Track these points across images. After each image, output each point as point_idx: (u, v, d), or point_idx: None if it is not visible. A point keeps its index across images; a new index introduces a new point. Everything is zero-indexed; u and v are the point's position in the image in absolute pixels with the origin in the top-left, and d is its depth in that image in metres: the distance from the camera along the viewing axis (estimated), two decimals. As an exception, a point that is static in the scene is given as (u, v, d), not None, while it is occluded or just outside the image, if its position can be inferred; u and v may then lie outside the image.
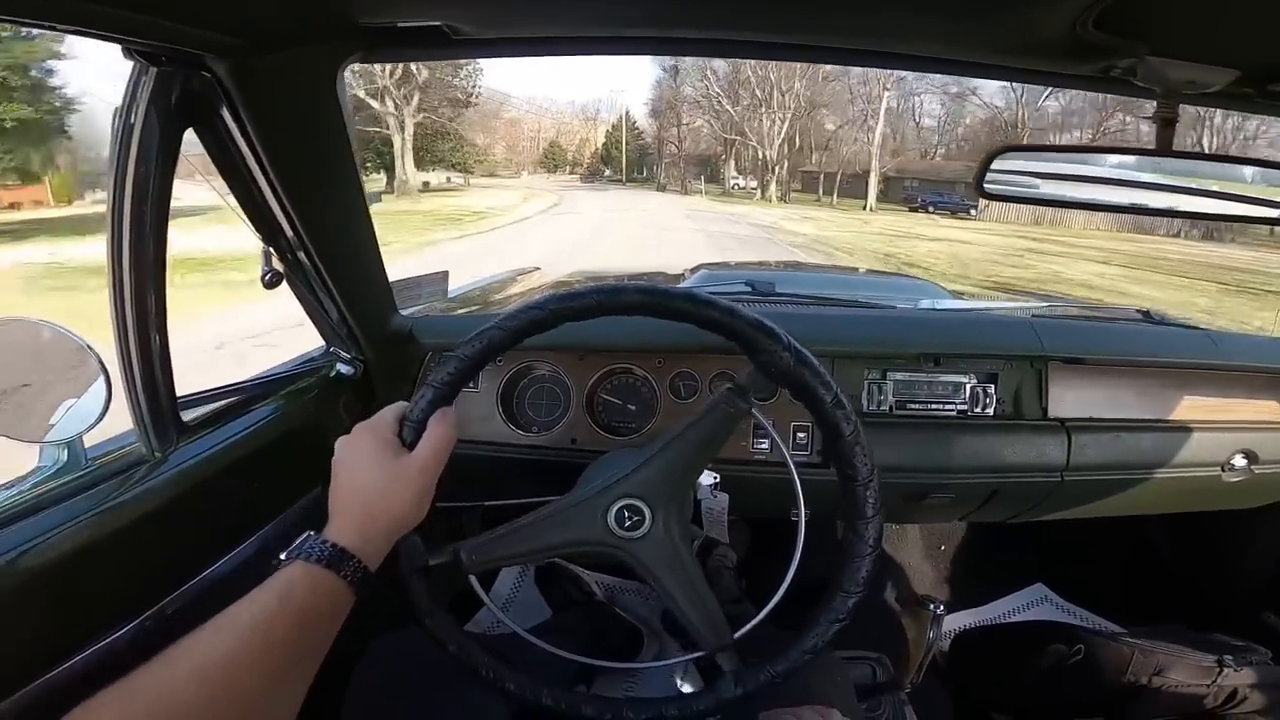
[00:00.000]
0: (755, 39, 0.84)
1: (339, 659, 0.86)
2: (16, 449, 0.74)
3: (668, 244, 14.56)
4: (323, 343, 1.12)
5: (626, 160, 55.67)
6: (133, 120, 0.67)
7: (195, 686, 0.48)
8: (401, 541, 0.67)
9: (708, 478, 0.97)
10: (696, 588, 0.75)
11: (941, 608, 1.27)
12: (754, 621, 0.77)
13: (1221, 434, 1.22)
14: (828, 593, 0.74)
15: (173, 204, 0.72)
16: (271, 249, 0.89)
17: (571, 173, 59.89)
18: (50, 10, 0.51)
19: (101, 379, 0.74)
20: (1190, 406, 1.22)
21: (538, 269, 2.30)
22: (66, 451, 0.76)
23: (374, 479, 0.63)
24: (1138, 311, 1.48)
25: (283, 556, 0.58)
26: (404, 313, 1.17)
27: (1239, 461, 1.22)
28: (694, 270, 2.01)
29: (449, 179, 39.54)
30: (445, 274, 1.29)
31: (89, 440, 0.77)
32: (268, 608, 0.53)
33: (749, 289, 1.48)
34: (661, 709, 0.73)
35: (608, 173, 57.82)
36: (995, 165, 0.85)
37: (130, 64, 0.65)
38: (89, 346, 0.74)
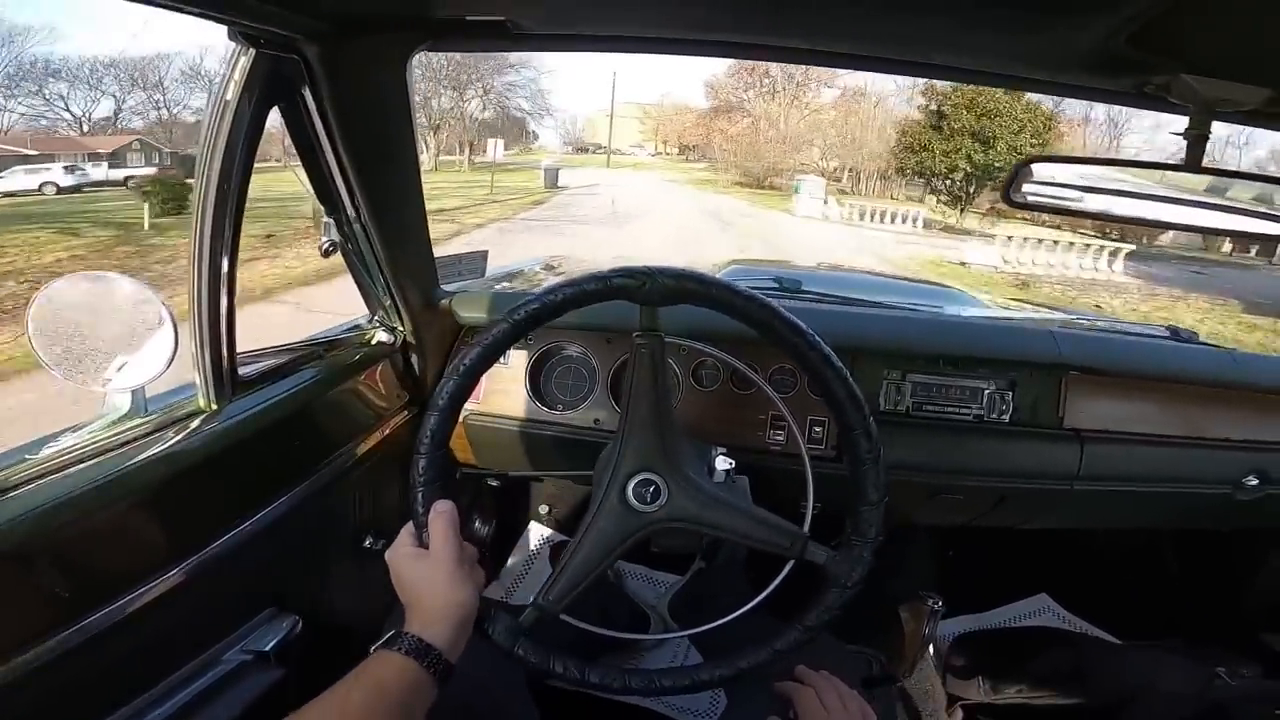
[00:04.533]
0: (799, 45, 0.87)
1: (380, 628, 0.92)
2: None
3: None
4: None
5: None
6: (228, 97, 0.74)
7: None
8: (484, 620, 0.74)
9: (724, 463, 1.01)
10: (745, 511, 0.79)
11: (940, 604, 1.30)
12: (809, 513, 0.83)
13: (1236, 453, 1.23)
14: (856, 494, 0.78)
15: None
16: (332, 221, 0.96)
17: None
18: None
19: (170, 333, 0.79)
20: (1207, 424, 1.23)
21: (565, 257, 2.33)
22: (130, 399, 0.81)
23: (414, 586, 0.71)
24: (1166, 329, 1.48)
25: (372, 649, 0.65)
26: (444, 287, 1.22)
27: (1251, 481, 1.23)
28: (723, 266, 2.04)
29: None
30: (484, 253, 1.33)
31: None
32: (350, 689, 0.60)
33: (776, 285, 1.51)
34: (801, 624, 0.77)
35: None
36: (1025, 175, 0.87)
37: (231, 45, 0.72)
38: (162, 303, 0.79)
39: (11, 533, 0.62)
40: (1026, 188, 0.88)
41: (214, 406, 0.86)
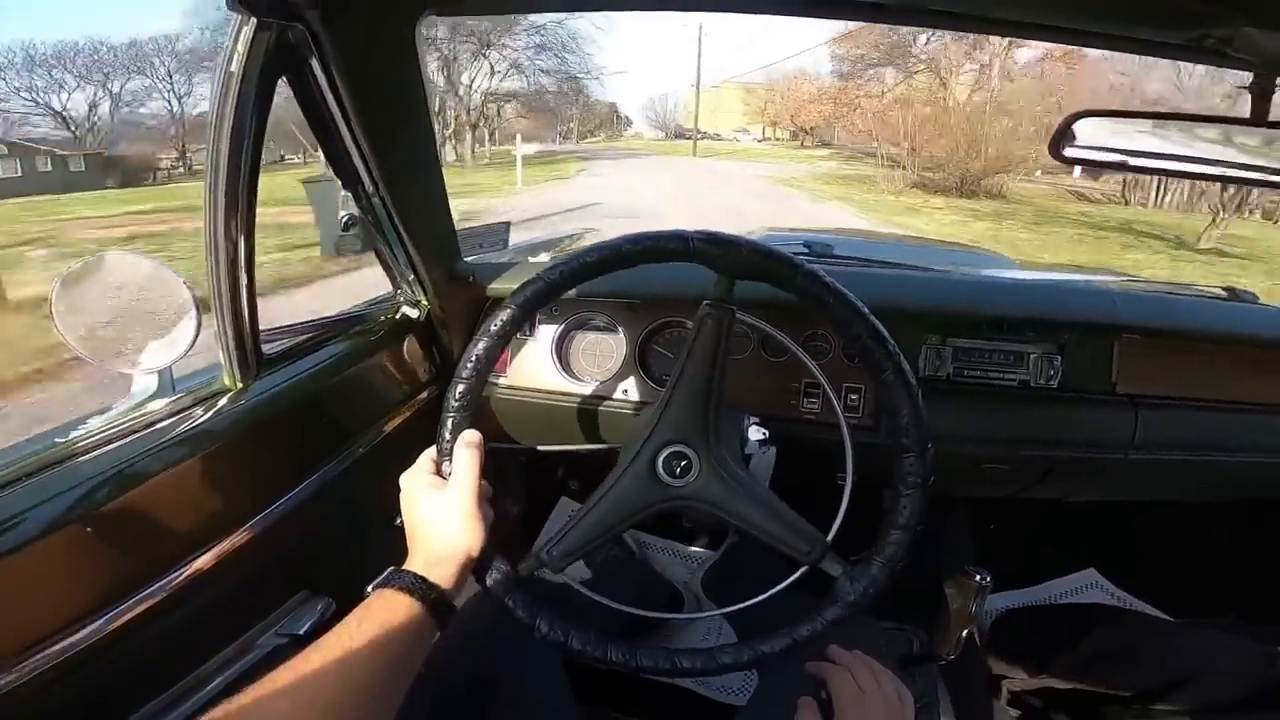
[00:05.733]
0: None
1: None
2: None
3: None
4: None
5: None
6: (233, 69, 0.72)
7: (287, 701, 0.53)
8: (483, 566, 0.72)
9: (757, 433, 0.98)
10: (771, 506, 0.76)
11: (988, 580, 1.26)
12: (841, 513, 0.79)
13: None
14: (889, 499, 0.75)
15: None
16: (350, 195, 0.95)
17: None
18: None
19: (193, 313, 0.80)
20: (1269, 388, 1.16)
21: (590, 230, 2.30)
22: (157, 380, 0.82)
23: (425, 517, 0.69)
24: (1223, 289, 1.40)
25: (370, 588, 0.64)
26: (467, 259, 1.21)
27: None
28: (757, 233, 1.99)
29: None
30: (507, 224, 1.31)
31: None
32: (351, 629, 0.59)
33: (806, 250, 1.46)
34: (793, 634, 0.75)
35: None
36: (1075, 128, 0.82)
37: (233, 16, 0.70)
38: (184, 282, 0.79)
39: (43, 518, 0.63)
40: (1074, 143, 0.83)
41: (240, 385, 0.86)
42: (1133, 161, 0.81)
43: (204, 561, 0.75)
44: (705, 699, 1.18)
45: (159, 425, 0.78)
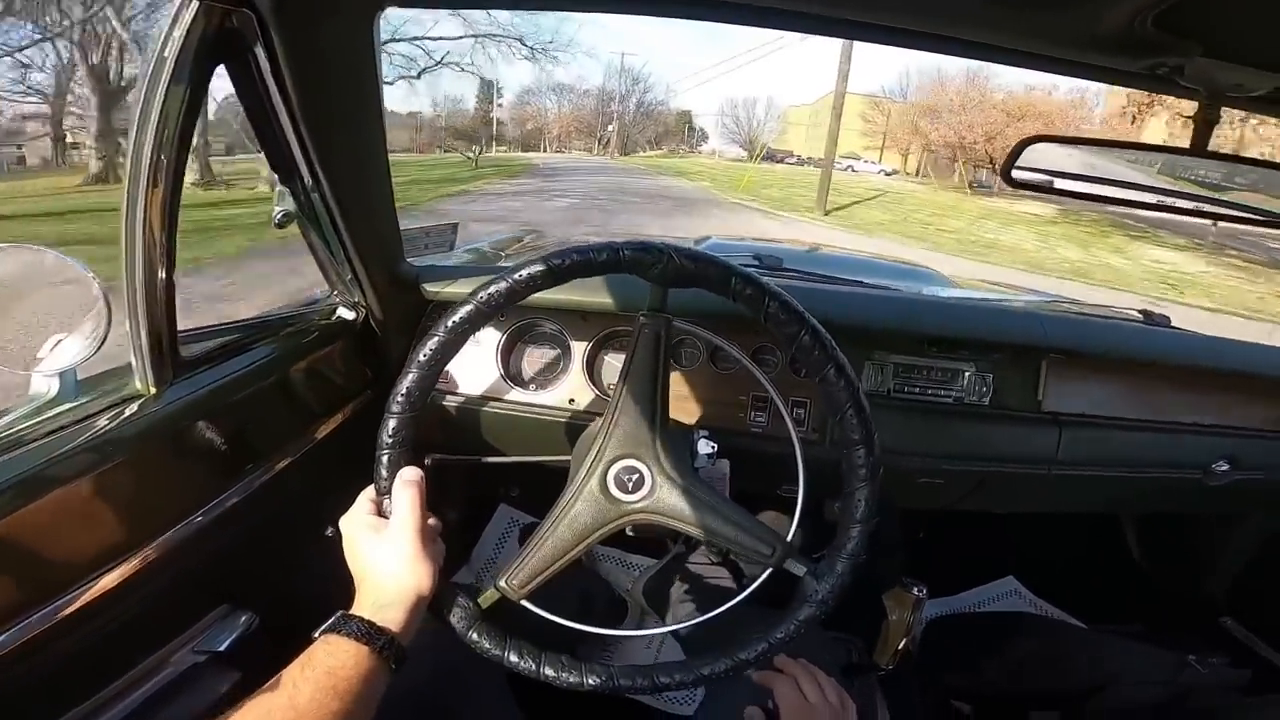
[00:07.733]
0: (800, 9, 0.81)
1: None
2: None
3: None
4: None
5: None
6: (166, 53, 0.66)
7: None
8: (441, 602, 0.70)
9: (706, 446, 0.97)
10: (726, 514, 0.75)
11: (924, 591, 1.29)
12: (797, 515, 0.78)
13: (1209, 438, 1.24)
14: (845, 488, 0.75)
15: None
16: (287, 190, 0.89)
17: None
18: None
19: (102, 310, 0.72)
20: (1182, 409, 1.23)
21: (539, 232, 2.26)
22: (59, 383, 0.74)
23: (369, 561, 0.67)
24: (1139, 312, 1.48)
25: (316, 634, 0.61)
26: (410, 261, 1.15)
27: (1221, 466, 1.23)
28: (700, 241, 1.99)
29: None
30: (454, 225, 1.26)
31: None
32: (294, 676, 0.56)
33: (757, 261, 1.47)
34: (768, 638, 0.74)
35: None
36: (1026, 154, 0.84)
37: None
38: (92, 277, 0.72)
39: None
40: (1025, 169, 0.85)
41: (153, 390, 0.79)
42: (1082, 189, 0.84)
43: (112, 577, 0.69)
44: (652, 709, 1.17)
45: (60, 433, 0.70)
